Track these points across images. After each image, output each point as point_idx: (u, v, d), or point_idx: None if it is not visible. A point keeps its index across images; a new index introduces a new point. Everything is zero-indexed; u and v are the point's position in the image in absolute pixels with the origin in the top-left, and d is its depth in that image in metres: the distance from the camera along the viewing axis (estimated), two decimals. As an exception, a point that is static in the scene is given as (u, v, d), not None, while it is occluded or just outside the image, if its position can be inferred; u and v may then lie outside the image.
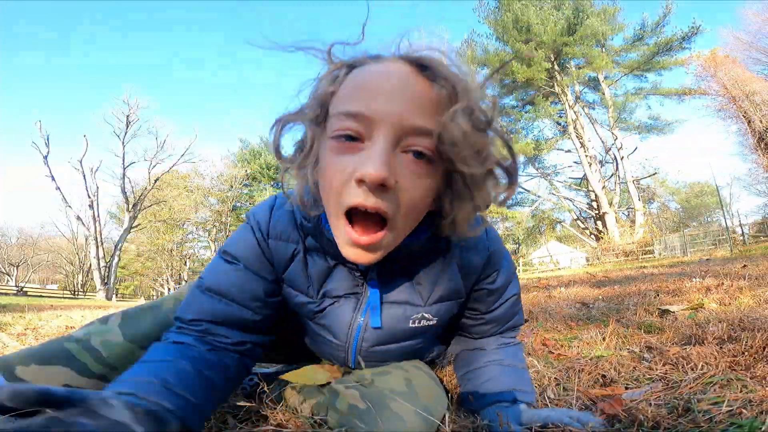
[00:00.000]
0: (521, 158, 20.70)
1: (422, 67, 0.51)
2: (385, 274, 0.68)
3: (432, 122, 0.49)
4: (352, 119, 0.49)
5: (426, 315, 0.70)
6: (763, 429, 0.51)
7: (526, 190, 23.55)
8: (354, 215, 0.51)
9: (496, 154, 0.53)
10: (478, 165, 0.51)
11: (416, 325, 0.71)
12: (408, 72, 0.50)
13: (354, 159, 0.49)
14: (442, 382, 0.82)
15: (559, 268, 19.00)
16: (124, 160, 21.52)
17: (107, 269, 19.77)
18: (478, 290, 0.75)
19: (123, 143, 21.76)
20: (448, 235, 0.61)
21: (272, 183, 33.25)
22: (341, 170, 0.50)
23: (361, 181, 0.48)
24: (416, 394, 0.66)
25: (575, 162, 21.92)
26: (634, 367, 0.92)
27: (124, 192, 21.12)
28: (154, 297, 35.25)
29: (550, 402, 0.78)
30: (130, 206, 20.95)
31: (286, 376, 0.78)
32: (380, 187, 0.48)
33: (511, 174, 0.55)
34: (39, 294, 22.96)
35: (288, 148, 0.60)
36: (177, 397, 0.52)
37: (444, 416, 0.66)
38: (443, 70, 0.50)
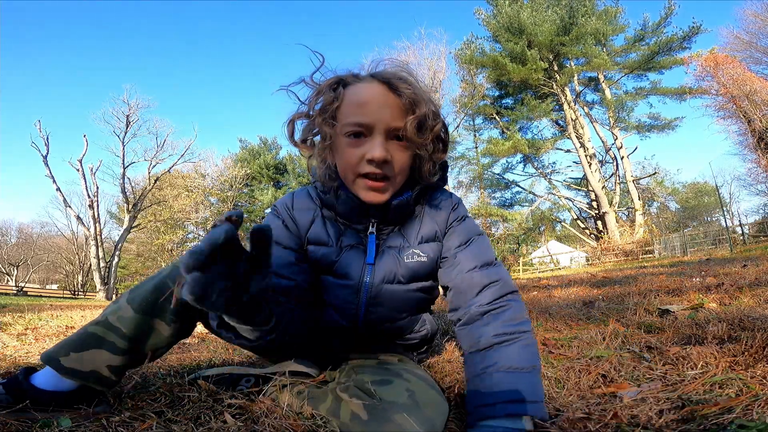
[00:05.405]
0: (519, 156, 21.99)
1: (391, 86, 0.81)
2: (380, 229, 0.91)
3: (402, 121, 0.81)
4: (359, 126, 0.80)
5: (416, 251, 0.91)
6: None
7: (525, 189, 23.56)
8: (367, 177, 0.81)
9: (433, 134, 0.85)
10: (424, 145, 0.85)
11: (411, 260, 0.90)
12: (384, 90, 0.81)
13: (363, 147, 0.81)
14: (441, 387, 0.82)
15: (559, 268, 18.99)
16: (123, 160, 21.46)
17: (107, 269, 19.73)
18: (449, 229, 0.94)
19: (123, 143, 21.71)
20: (421, 186, 0.90)
21: (272, 183, 33.29)
22: (356, 154, 0.81)
23: (371, 161, 0.79)
24: (418, 406, 0.67)
25: (575, 162, 21.92)
26: (634, 367, 0.92)
27: (124, 192, 21.08)
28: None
29: (551, 401, 0.78)
30: (130, 206, 20.91)
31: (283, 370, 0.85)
32: (383, 162, 0.80)
33: (445, 146, 0.90)
34: (39, 294, 22.97)
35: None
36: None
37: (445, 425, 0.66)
38: (405, 89, 0.81)
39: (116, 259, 20.42)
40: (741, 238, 15.71)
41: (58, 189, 18.86)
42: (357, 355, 0.97)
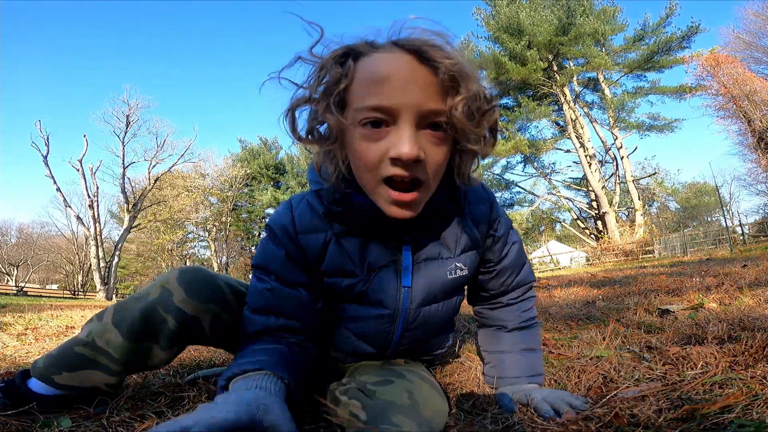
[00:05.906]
0: (519, 156, 21.90)
1: (422, 55, 0.59)
2: (416, 238, 0.76)
3: (441, 103, 0.59)
4: (378, 111, 0.58)
5: (458, 265, 0.79)
6: None
7: (525, 189, 23.55)
8: (392, 183, 0.61)
9: (489, 123, 0.65)
10: (476, 138, 0.64)
11: (453, 275, 0.79)
12: (412, 62, 0.59)
13: (384, 141, 0.59)
14: (443, 388, 0.82)
15: (559, 268, 18.99)
16: (123, 160, 21.44)
17: (107, 269, 19.71)
18: (488, 238, 0.84)
19: (123, 143, 21.69)
20: (459, 187, 0.72)
21: (272, 183, 33.31)
22: (375, 150, 0.60)
23: (397, 159, 0.58)
24: (418, 406, 0.65)
25: (575, 162, 21.90)
26: (634, 367, 0.92)
27: (124, 192, 21.05)
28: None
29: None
30: (130, 206, 20.89)
31: None
32: (414, 162, 0.59)
33: (495, 136, 0.69)
34: (39, 294, 22.96)
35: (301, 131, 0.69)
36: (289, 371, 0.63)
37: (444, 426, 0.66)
38: (443, 60, 0.58)
39: (116, 259, 20.40)
40: (741, 238, 15.71)
41: (58, 189, 18.85)
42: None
